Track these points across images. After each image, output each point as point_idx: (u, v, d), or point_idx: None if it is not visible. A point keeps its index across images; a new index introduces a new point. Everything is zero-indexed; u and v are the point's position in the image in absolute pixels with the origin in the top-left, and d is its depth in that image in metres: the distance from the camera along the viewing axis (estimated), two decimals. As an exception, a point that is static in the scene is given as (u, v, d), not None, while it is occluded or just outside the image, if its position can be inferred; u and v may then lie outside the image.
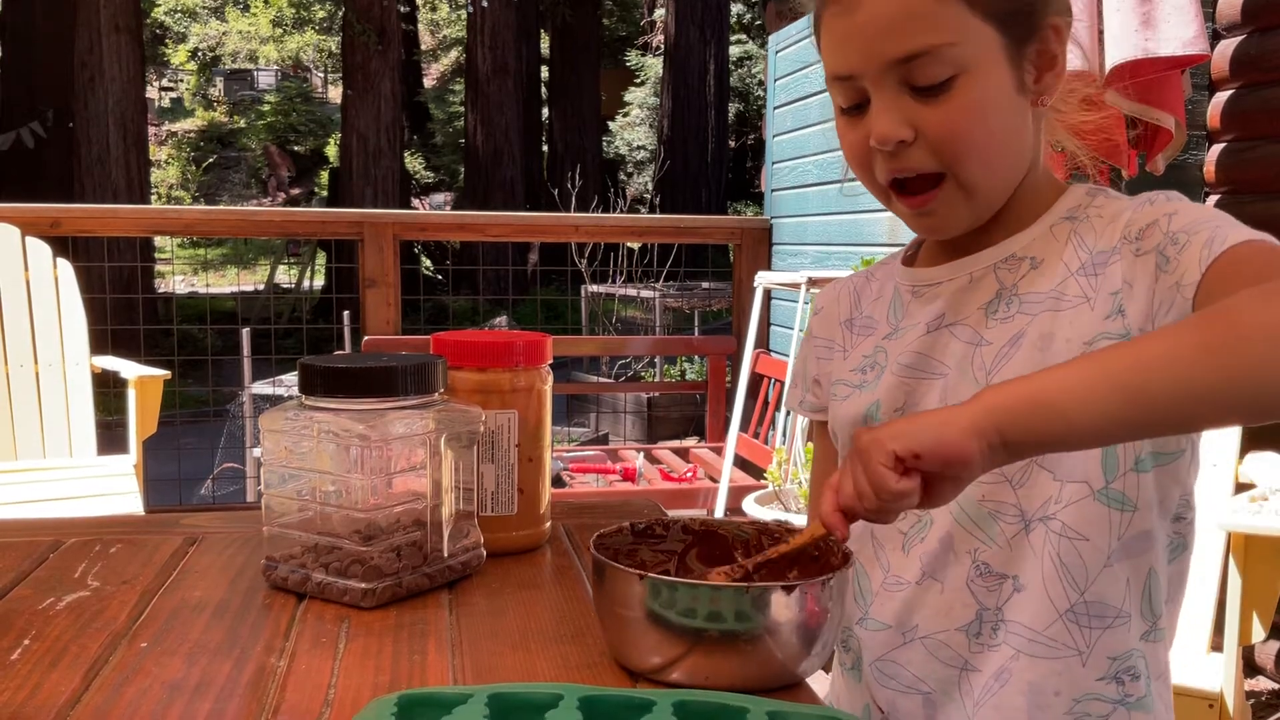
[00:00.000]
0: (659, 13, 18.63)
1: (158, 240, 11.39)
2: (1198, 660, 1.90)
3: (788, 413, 3.58)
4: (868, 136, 0.88)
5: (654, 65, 18.39)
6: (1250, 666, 2.78)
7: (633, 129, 19.09)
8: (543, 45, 18.56)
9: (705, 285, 8.27)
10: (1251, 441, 2.03)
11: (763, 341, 4.45)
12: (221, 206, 18.27)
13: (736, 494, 3.56)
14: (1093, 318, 0.86)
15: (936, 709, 0.92)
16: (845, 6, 0.87)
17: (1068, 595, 0.87)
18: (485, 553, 0.97)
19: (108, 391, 3.46)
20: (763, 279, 4.00)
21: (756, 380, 4.10)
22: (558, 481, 4.03)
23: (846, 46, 0.88)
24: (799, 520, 1.12)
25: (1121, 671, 0.88)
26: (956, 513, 0.90)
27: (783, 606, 0.71)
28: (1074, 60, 1.79)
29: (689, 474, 4.07)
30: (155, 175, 18.79)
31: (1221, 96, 2.87)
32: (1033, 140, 0.92)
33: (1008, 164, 0.90)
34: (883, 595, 0.95)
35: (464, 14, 18.43)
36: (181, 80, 24.32)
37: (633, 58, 19.53)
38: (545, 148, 18.16)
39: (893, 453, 0.73)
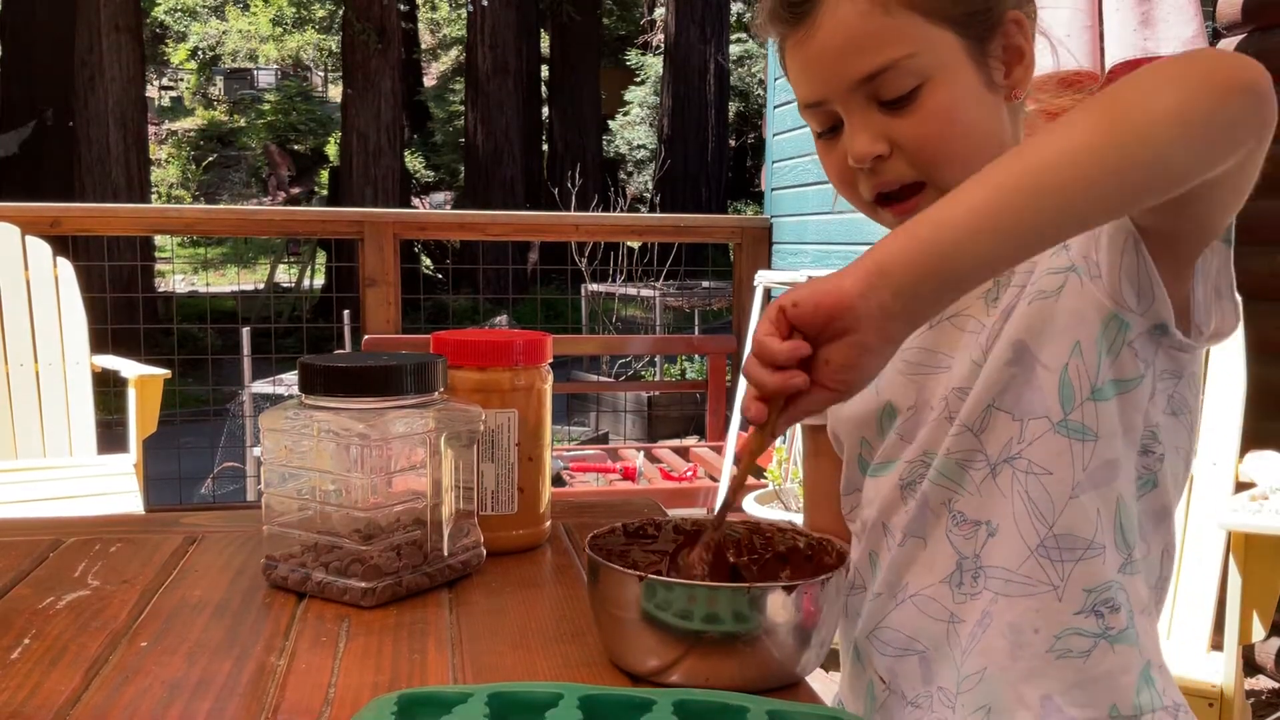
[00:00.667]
0: (659, 11, 18.63)
1: (158, 239, 11.39)
2: (1198, 659, 1.90)
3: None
4: (846, 157, 0.90)
5: (654, 64, 18.40)
6: (1250, 665, 2.78)
7: (633, 128, 19.09)
8: (543, 44, 18.56)
9: (705, 284, 8.26)
10: (1252, 441, 2.03)
11: (763, 340, 4.45)
12: (222, 205, 18.27)
13: (737, 493, 3.55)
14: (1054, 260, 0.87)
15: (931, 666, 0.92)
16: (801, 36, 0.88)
17: (1036, 530, 0.87)
18: (485, 552, 0.97)
19: (108, 391, 3.46)
20: (763, 278, 3.99)
21: (756, 379, 4.09)
22: (558, 480, 4.02)
23: (810, 74, 0.90)
24: (799, 519, 1.12)
25: (1099, 604, 0.88)
26: (932, 473, 0.91)
27: (779, 607, 0.72)
28: (1073, 60, 1.79)
29: (689, 473, 4.07)
30: (155, 174, 18.79)
31: (1221, 95, 2.86)
32: (1010, 135, 0.92)
33: (985, 162, 0.91)
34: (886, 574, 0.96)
35: (464, 13, 18.44)
36: (181, 79, 24.32)
37: (633, 57, 19.53)
38: (545, 147, 18.16)
39: (779, 307, 0.74)
